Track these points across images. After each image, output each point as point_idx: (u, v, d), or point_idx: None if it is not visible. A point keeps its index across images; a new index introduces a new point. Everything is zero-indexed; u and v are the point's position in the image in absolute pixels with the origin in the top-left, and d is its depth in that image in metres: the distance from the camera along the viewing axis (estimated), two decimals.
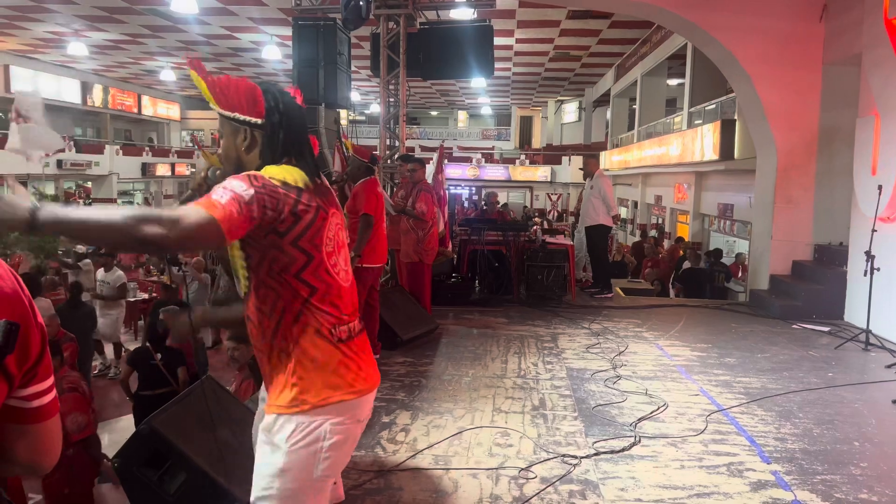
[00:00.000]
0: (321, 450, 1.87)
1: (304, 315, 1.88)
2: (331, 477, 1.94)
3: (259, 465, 1.92)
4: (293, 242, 1.84)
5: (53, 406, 1.13)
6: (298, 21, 8.59)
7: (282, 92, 2.00)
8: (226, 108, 1.94)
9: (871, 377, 5.37)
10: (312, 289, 1.89)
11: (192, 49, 19.34)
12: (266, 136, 1.94)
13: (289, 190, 1.83)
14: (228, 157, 2.00)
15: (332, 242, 1.95)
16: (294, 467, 1.86)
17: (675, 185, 17.06)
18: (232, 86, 1.94)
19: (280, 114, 1.95)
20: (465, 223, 8.92)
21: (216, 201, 1.69)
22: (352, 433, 1.95)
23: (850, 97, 7.50)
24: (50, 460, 1.16)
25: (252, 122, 1.94)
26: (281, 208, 1.80)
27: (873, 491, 3.39)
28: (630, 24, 15.49)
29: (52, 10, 15.03)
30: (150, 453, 2.96)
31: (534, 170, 29.56)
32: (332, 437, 1.88)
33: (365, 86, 24.86)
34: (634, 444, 3.91)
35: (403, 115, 9.29)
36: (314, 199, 1.90)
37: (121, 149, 26.17)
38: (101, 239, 1.66)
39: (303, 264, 1.87)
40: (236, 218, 1.70)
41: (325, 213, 1.93)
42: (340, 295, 1.96)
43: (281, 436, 1.86)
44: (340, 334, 1.93)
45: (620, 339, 6.46)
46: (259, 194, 1.76)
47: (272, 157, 1.93)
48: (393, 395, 4.75)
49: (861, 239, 6.55)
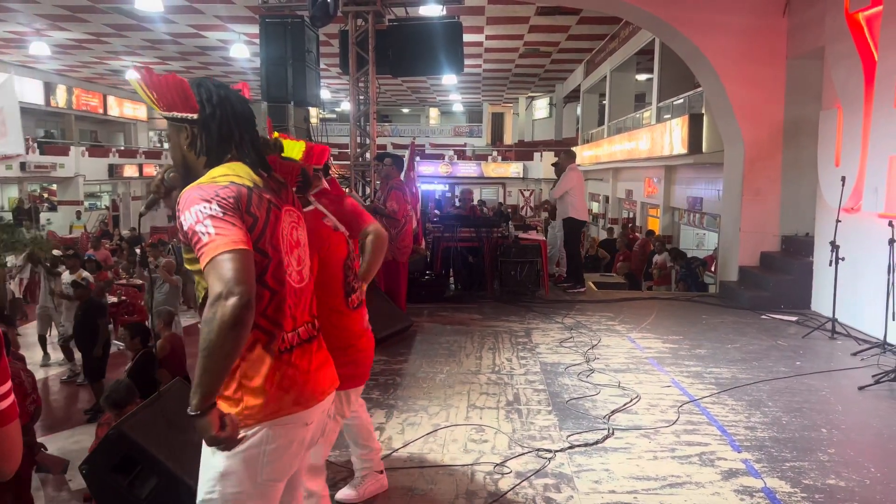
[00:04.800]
0: (262, 454, 1.82)
1: (256, 329, 1.79)
2: (277, 481, 1.89)
3: (202, 469, 1.87)
4: (254, 245, 1.76)
5: (12, 410, 1.11)
6: (266, 19, 8.51)
7: (218, 85, 1.92)
8: (164, 109, 1.88)
9: (838, 365, 5.48)
10: (272, 292, 1.83)
11: (157, 48, 19.06)
12: (203, 131, 1.88)
13: (239, 190, 1.77)
14: (175, 158, 1.95)
15: (287, 241, 1.91)
16: (235, 471, 1.82)
17: (645, 179, 17.23)
18: (163, 84, 1.87)
19: (214, 105, 1.88)
20: (437, 220, 8.91)
21: (210, 239, 1.65)
22: (296, 437, 1.89)
23: (814, 90, 7.63)
24: (10, 465, 1.14)
25: (188, 118, 1.88)
26: (238, 203, 1.74)
27: (840, 476, 3.46)
28: (598, 20, 15.60)
29: (12, 10, 14.70)
30: (119, 458, 2.89)
31: (506, 166, 29.65)
32: (273, 443, 1.83)
33: (335, 83, 24.71)
34: (608, 437, 3.94)
35: (374, 112, 9.24)
36: (264, 196, 1.84)
37: (87, 150, 25.68)
38: (227, 358, 1.64)
39: (264, 267, 1.80)
40: (235, 231, 1.67)
41: (278, 210, 1.89)
42: (293, 297, 1.91)
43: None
44: (292, 340, 1.89)
45: (593, 332, 6.51)
46: (221, 201, 1.71)
47: (212, 151, 1.88)
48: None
49: (826, 229, 6.68)
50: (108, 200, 28.25)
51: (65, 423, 7.51)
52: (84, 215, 24.10)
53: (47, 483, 5.64)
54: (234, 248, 1.64)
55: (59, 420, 7.68)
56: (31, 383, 4.96)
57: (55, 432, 7.12)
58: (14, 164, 20.52)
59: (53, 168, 22.94)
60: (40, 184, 25.40)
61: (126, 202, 27.70)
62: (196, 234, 1.68)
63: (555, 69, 23.04)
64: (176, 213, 1.75)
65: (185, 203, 1.72)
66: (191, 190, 1.75)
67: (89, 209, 25.89)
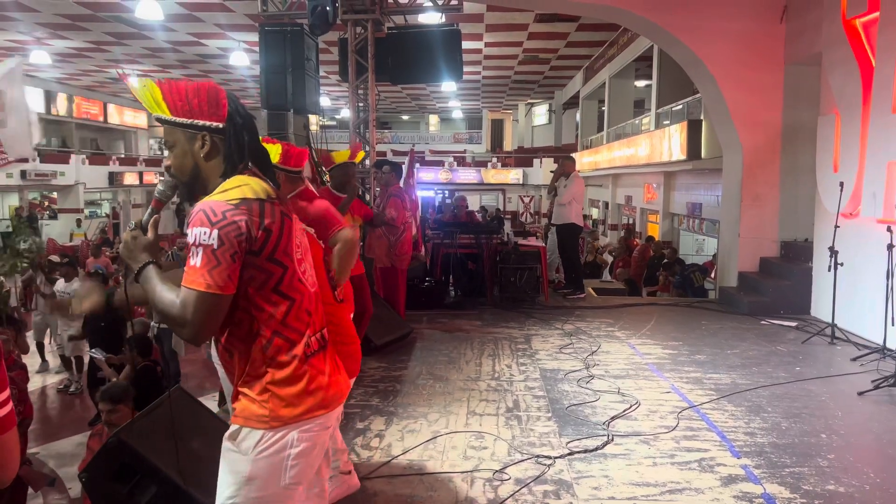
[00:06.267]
0: (288, 457, 1.85)
1: (278, 337, 1.85)
2: (300, 484, 1.91)
3: (224, 474, 1.88)
4: (269, 257, 1.81)
5: (10, 419, 1.11)
6: (265, 27, 8.54)
7: (235, 96, 1.97)
8: (181, 115, 1.86)
9: (837, 370, 5.48)
10: (290, 300, 1.86)
11: (158, 56, 19.11)
12: (230, 140, 1.89)
13: (250, 206, 1.79)
14: (183, 167, 1.91)
15: (300, 249, 1.94)
16: (260, 475, 1.84)
17: (644, 185, 17.25)
18: (192, 90, 1.86)
19: (241, 117, 1.91)
20: (436, 226, 8.92)
21: (194, 268, 1.72)
22: (319, 440, 1.93)
23: (811, 96, 7.65)
24: (8, 474, 1.14)
25: (212, 126, 1.87)
26: (249, 228, 1.76)
27: (840, 482, 3.46)
28: (597, 26, 15.65)
29: (13, 19, 14.74)
30: (118, 467, 2.89)
31: (506, 172, 29.71)
32: (298, 445, 1.86)
33: (335, 90, 24.77)
34: (607, 443, 3.94)
35: (373, 119, 9.27)
36: (276, 207, 1.87)
37: (88, 158, 25.72)
38: (163, 318, 1.83)
39: (279, 277, 1.84)
40: (221, 270, 1.72)
41: (290, 219, 1.91)
42: (311, 303, 1.95)
43: (247, 444, 1.84)
44: (312, 346, 1.92)
45: (593, 338, 6.51)
46: (224, 229, 1.73)
47: (233, 161, 1.89)
48: (367, 401, 4.73)
49: (825, 235, 6.68)
50: (109, 208, 28.27)
51: (59, 433, 7.50)
52: (84, 223, 24.11)
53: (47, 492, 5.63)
54: (206, 292, 1.72)
55: (53, 429, 7.67)
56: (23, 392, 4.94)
57: (49, 441, 7.13)
58: (15, 172, 20.54)
59: (54, 176, 22.95)
60: (41, 192, 25.40)
61: (126, 210, 27.68)
62: (190, 253, 1.76)
63: (554, 76, 23.10)
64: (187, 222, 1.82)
65: (193, 219, 1.77)
66: (203, 205, 1.78)
67: (89, 217, 25.91)
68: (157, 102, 1.86)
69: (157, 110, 1.87)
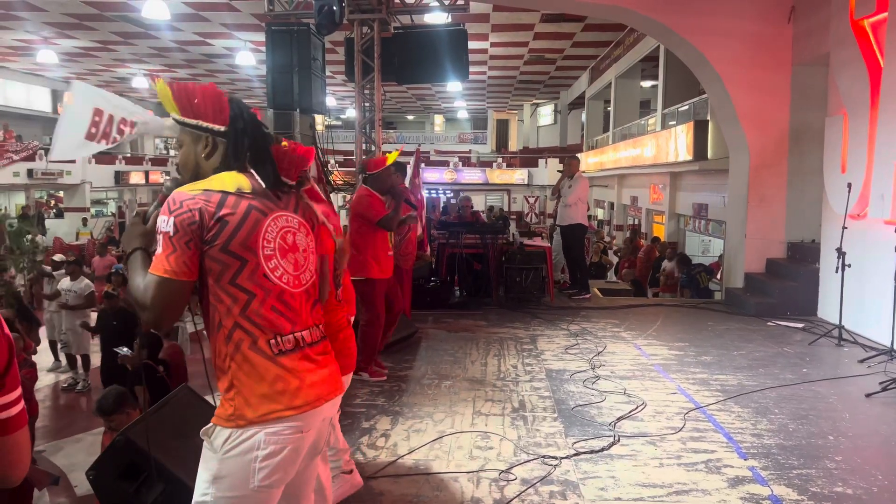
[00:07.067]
0: (255, 459, 1.82)
1: (239, 329, 1.85)
2: (273, 488, 1.87)
3: (199, 471, 1.89)
4: (223, 248, 1.83)
5: (21, 417, 1.11)
6: (272, 27, 8.52)
7: (242, 102, 2.04)
8: (189, 116, 1.95)
9: (845, 372, 5.46)
10: (250, 294, 1.86)
11: (164, 56, 19.16)
12: (230, 143, 1.97)
13: (209, 196, 1.85)
14: (187, 165, 2.01)
15: (273, 245, 1.91)
16: (229, 475, 1.82)
17: (650, 185, 17.21)
18: (199, 93, 1.95)
19: (245, 121, 1.98)
20: (442, 226, 8.92)
21: (157, 254, 1.81)
22: (292, 444, 1.87)
23: (818, 97, 7.62)
24: (19, 472, 1.14)
25: (214, 129, 1.96)
26: (202, 217, 1.82)
27: (848, 484, 3.44)
28: (603, 26, 15.62)
29: (20, 18, 14.80)
30: (126, 465, 2.90)
31: (511, 172, 29.67)
32: (266, 448, 1.82)
33: (341, 90, 24.78)
34: (614, 444, 3.93)
35: (379, 119, 9.27)
36: (249, 201, 1.89)
37: (93, 157, 25.73)
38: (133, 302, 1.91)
39: (237, 269, 1.85)
40: (177, 256, 1.79)
41: (263, 214, 1.91)
42: (285, 301, 1.92)
43: (217, 442, 1.84)
44: (284, 345, 1.89)
45: (599, 339, 6.49)
46: (179, 217, 1.81)
47: (229, 163, 1.96)
48: (373, 401, 4.73)
49: (832, 236, 6.66)
50: (115, 207, 28.31)
51: (64, 431, 7.53)
52: (90, 222, 24.16)
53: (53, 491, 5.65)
54: (164, 277, 1.80)
55: (59, 426, 7.70)
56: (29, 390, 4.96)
57: (55, 439, 7.16)
58: (21, 171, 20.61)
59: (60, 175, 23.01)
60: (47, 190, 25.47)
61: (132, 209, 27.73)
62: (155, 241, 1.86)
63: (560, 76, 23.06)
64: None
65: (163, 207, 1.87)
66: (171, 195, 1.87)
67: (95, 216, 25.96)
68: (170, 103, 1.96)
69: (171, 110, 1.97)
